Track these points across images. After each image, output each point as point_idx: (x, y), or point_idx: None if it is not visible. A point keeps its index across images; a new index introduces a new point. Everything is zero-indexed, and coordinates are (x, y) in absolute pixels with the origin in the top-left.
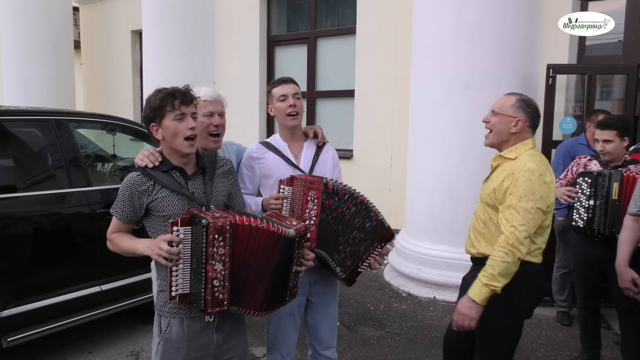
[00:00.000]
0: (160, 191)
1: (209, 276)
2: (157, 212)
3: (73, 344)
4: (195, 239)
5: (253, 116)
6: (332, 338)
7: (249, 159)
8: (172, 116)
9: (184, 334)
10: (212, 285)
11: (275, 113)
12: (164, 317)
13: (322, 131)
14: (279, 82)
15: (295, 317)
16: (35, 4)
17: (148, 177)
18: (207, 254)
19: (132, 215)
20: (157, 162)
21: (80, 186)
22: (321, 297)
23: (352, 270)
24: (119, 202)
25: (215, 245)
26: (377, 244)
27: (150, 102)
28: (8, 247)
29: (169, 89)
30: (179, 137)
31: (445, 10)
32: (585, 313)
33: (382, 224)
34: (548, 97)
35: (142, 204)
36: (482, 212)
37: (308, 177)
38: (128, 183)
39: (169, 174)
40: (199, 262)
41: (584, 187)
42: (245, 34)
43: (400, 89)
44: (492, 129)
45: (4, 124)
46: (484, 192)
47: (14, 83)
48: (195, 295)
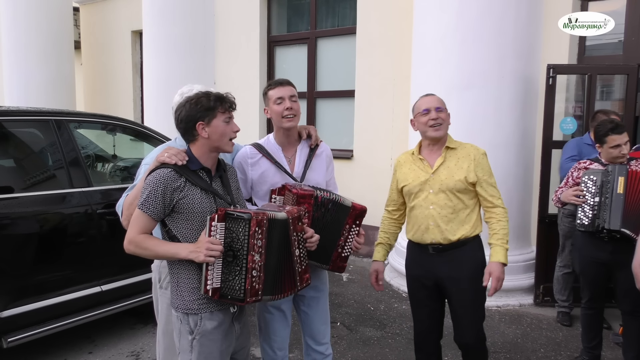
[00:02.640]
0: (191, 189)
1: (249, 267)
2: (184, 210)
3: (73, 344)
4: (233, 233)
5: (253, 116)
6: (325, 333)
7: (242, 163)
8: (222, 117)
9: (218, 324)
10: (251, 276)
11: (271, 115)
12: (192, 315)
13: (316, 132)
14: (275, 84)
15: (284, 312)
16: (36, 5)
17: (179, 175)
18: (249, 246)
19: (162, 212)
20: (185, 161)
21: (80, 186)
22: (311, 291)
23: (334, 258)
24: (150, 198)
25: (255, 237)
26: (347, 225)
27: (201, 102)
28: (8, 247)
29: (218, 93)
30: (226, 137)
31: (445, 11)
32: (589, 313)
33: (343, 205)
34: (548, 97)
35: (172, 200)
36: (448, 201)
37: (299, 191)
38: (161, 178)
39: (197, 173)
40: (238, 255)
41: (589, 186)
42: (246, 34)
43: (401, 89)
44: (443, 123)
45: (4, 124)
46: (450, 181)
47: (15, 83)
48: (229, 288)
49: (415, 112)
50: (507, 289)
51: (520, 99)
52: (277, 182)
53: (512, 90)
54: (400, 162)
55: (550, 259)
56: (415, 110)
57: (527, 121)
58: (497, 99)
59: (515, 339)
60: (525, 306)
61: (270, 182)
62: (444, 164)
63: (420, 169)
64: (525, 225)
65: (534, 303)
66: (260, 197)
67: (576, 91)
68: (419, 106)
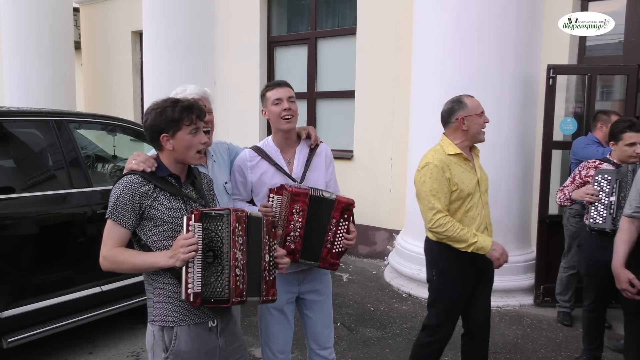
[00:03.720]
0: (160, 195)
1: (232, 264)
2: (154, 217)
3: (73, 345)
4: (212, 232)
5: (253, 116)
6: (329, 338)
7: (241, 166)
8: (188, 130)
9: (193, 343)
10: (235, 274)
11: (270, 116)
12: (167, 329)
13: (316, 132)
14: (273, 85)
15: (285, 314)
16: (36, 5)
17: (147, 181)
18: (230, 243)
19: (134, 219)
20: (154, 168)
21: (80, 187)
22: (314, 294)
23: (324, 255)
24: (119, 205)
25: (236, 233)
26: (334, 219)
27: (165, 112)
28: (8, 247)
29: (185, 103)
30: (192, 150)
31: (445, 11)
32: (591, 315)
33: (326, 199)
34: (548, 97)
35: (142, 206)
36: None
37: (294, 189)
38: (127, 185)
39: (166, 179)
40: (218, 254)
41: (603, 185)
42: (246, 35)
43: (401, 89)
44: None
45: (4, 124)
46: (487, 181)
47: (15, 84)
48: (212, 290)
49: (471, 112)
50: (507, 289)
51: (521, 99)
52: (277, 184)
53: (512, 91)
54: (445, 164)
55: (550, 259)
56: (472, 111)
57: (527, 121)
58: (497, 99)
59: (515, 340)
60: (525, 306)
61: (269, 183)
62: (477, 164)
63: (467, 170)
64: (525, 225)
65: (534, 303)
66: (260, 199)
67: (576, 91)
68: (476, 107)
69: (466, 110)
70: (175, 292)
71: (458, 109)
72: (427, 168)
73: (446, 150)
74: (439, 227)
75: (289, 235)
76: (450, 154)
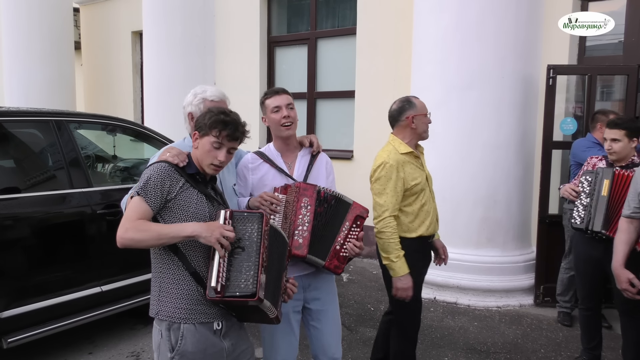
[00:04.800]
0: (190, 190)
1: (260, 262)
2: (179, 209)
3: (73, 345)
4: (239, 232)
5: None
6: (337, 348)
7: (243, 169)
8: (212, 141)
9: (199, 344)
10: (261, 272)
11: (269, 124)
12: (174, 329)
13: (318, 140)
14: (272, 93)
15: (291, 323)
16: (36, 5)
17: (179, 174)
18: (261, 242)
19: (159, 202)
20: (185, 164)
21: (80, 187)
22: (319, 303)
23: (331, 255)
24: (150, 184)
25: (264, 236)
26: (347, 222)
27: (208, 115)
28: (9, 247)
29: (227, 118)
30: (206, 159)
31: (445, 11)
32: (586, 314)
33: (344, 201)
34: (548, 97)
35: (171, 193)
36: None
37: (302, 184)
38: (161, 169)
39: (194, 177)
40: (248, 251)
41: (584, 186)
42: (246, 35)
43: (401, 89)
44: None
45: (4, 124)
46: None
47: (15, 84)
48: (237, 285)
49: (420, 111)
50: (507, 289)
51: (520, 100)
52: (277, 185)
53: (512, 91)
54: (400, 163)
55: (550, 260)
56: (420, 111)
57: (527, 121)
58: (497, 100)
59: (515, 339)
60: (525, 306)
61: (270, 185)
62: (423, 161)
63: (418, 167)
64: (525, 225)
65: (534, 303)
66: None
67: (576, 91)
68: (424, 107)
69: (415, 109)
70: (184, 290)
71: (408, 108)
72: (383, 167)
73: (399, 150)
74: (385, 227)
75: (297, 230)
76: (403, 153)
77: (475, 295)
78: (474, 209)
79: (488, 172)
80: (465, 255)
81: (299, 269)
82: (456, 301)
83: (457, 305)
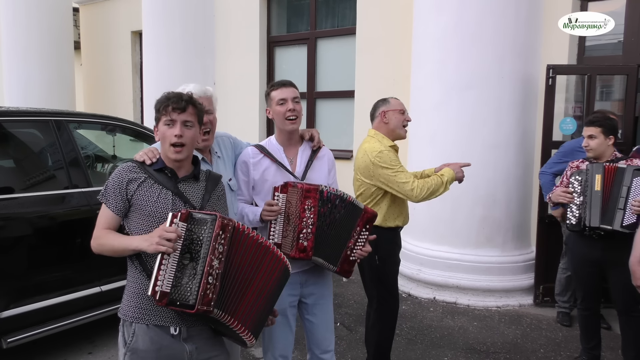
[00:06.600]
0: (151, 186)
1: (206, 270)
2: (137, 207)
3: (73, 345)
4: (194, 235)
5: (253, 117)
6: (330, 341)
7: (244, 163)
8: (163, 120)
9: (152, 344)
10: (206, 282)
11: (274, 116)
12: (127, 325)
13: (319, 135)
14: (278, 85)
15: (287, 317)
16: (36, 5)
17: (142, 171)
18: (210, 248)
19: (122, 205)
20: (155, 159)
21: (80, 187)
22: (315, 297)
23: (342, 261)
24: (109, 190)
25: (217, 241)
26: (358, 228)
27: (157, 103)
28: (8, 248)
29: (166, 94)
30: (166, 142)
31: (445, 11)
32: (585, 314)
33: (356, 206)
34: (548, 97)
35: (129, 193)
36: None
37: (304, 186)
38: (120, 171)
39: (162, 172)
40: (195, 257)
41: (575, 186)
42: (245, 35)
43: (400, 89)
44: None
45: (4, 124)
46: None
47: (14, 84)
48: (180, 293)
49: (392, 107)
50: (507, 289)
51: (520, 99)
52: (278, 181)
53: (512, 91)
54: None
55: (550, 259)
56: (394, 107)
57: (527, 121)
58: (497, 99)
59: (515, 339)
60: (525, 306)
61: (271, 180)
62: None
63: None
64: (525, 225)
65: (534, 303)
66: (262, 197)
67: (576, 91)
68: (398, 105)
69: (388, 106)
70: (139, 289)
71: (382, 104)
72: (383, 153)
73: (383, 142)
74: (421, 190)
75: (301, 233)
76: (389, 145)
77: (474, 295)
78: (473, 208)
79: (487, 172)
80: (465, 255)
81: (297, 265)
82: (456, 301)
83: (456, 305)
